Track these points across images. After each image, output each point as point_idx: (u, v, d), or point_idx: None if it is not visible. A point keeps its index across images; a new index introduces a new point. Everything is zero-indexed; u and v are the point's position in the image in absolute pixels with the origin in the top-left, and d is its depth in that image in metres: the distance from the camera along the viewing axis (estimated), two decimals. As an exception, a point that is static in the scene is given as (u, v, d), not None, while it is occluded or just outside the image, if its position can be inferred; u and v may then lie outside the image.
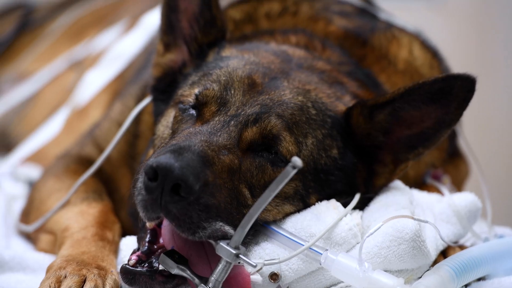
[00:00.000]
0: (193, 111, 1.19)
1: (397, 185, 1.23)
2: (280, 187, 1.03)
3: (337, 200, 1.18)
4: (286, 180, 1.02)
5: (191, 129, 1.15)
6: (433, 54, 1.39)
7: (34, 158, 1.68)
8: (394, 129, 1.20)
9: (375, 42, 1.36)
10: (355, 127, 1.19)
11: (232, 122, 1.15)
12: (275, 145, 1.15)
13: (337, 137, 1.20)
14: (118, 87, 1.56)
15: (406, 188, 1.23)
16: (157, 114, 1.27)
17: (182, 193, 1.05)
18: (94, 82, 1.57)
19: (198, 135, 1.13)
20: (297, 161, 1.02)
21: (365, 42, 1.35)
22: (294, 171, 1.02)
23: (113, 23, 1.81)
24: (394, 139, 1.20)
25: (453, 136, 1.40)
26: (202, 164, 1.08)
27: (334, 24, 1.36)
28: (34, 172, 1.63)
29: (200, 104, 1.18)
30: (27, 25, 1.94)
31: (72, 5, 1.97)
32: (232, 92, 1.18)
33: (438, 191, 1.33)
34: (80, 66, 1.75)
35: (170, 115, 1.23)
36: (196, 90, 1.19)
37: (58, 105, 1.70)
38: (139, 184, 1.08)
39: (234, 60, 1.22)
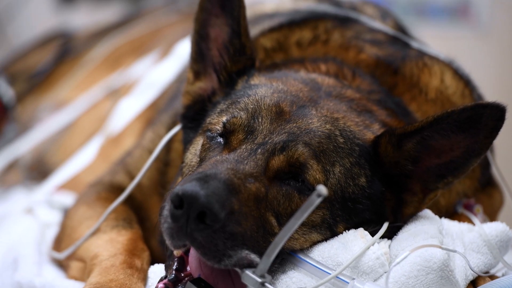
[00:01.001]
0: (220, 139, 1.21)
1: (426, 214, 1.23)
2: (305, 215, 1.04)
3: (365, 229, 1.18)
4: (311, 209, 1.04)
5: (218, 157, 1.17)
6: (466, 82, 1.39)
7: (68, 185, 1.71)
8: (423, 158, 1.20)
9: (406, 70, 1.37)
10: (383, 155, 1.20)
11: (259, 150, 1.16)
12: (302, 173, 1.17)
13: (365, 165, 1.20)
14: (151, 115, 1.60)
15: (436, 217, 1.23)
16: (186, 142, 1.30)
17: (207, 221, 1.07)
18: (128, 110, 1.60)
19: (225, 163, 1.14)
20: (322, 189, 1.03)
21: (396, 71, 1.36)
22: (320, 200, 1.03)
23: (150, 51, 1.84)
24: (423, 168, 1.21)
25: (486, 165, 1.39)
26: (228, 192, 1.09)
27: (365, 52, 1.37)
28: (68, 199, 1.66)
29: (227, 132, 1.20)
30: (66, 54, 1.99)
31: (110, 33, 2.02)
32: (260, 120, 1.19)
33: (469, 220, 1.32)
34: (116, 94, 1.79)
35: (198, 143, 1.25)
36: (224, 118, 1.21)
37: (94, 133, 1.74)
38: (165, 212, 1.11)
39: (262, 88, 1.24)
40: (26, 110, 1.95)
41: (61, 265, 1.41)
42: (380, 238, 1.19)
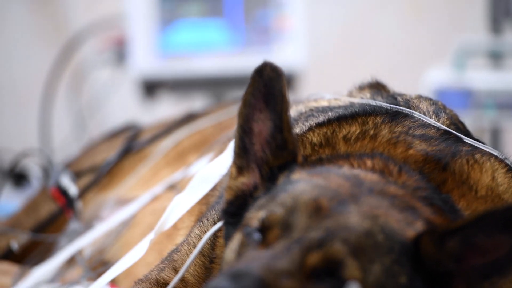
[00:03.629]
0: (257, 235, 1.24)
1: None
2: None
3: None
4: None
5: (253, 252, 1.20)
6: (519, 180, 1.39)
7: (122, 279, 1.77)
8: (467, 257, 1.20)
9: (456, 167, 1.38)
10: (424, 253, 1.21)
11: (295, 247, 1.19)
12: (339, 271, 1.18)
13: (406, 263, 1.21)
14: (203, 210, 1.65)
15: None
16: (227, 238, 1.33)
17: (238, 317, 1.10)
18: (181, 204, 1.66)
19: (259, 259, 1.17)
20: (352, 285, 1.05)
21: (445, 167, 1.37)
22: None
23: (212, 147, 1.91)
24: (466, 267, 1.20)
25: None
26: (260, 289, 1.12)
27: (414, 148, 1.39)
28: (119, 296, 1.71)
29: (264, 228, 1.23)
30: (132, 149, 2.07)
31: (177, 129, 2.09)
32: (297, 216, 1.22)
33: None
34: (175, 190, 1.85)
35: (237, 239, 1.28)
36: (262, 214, 1.24)
37: (152, 228, 1.80)
38: (198, 307, 1.14)
39: (302, 184, 1.27)
40: (89, 206, 2.02)
41: None
42: None
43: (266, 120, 1.32)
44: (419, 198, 1.31)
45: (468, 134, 1.48)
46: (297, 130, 1.46)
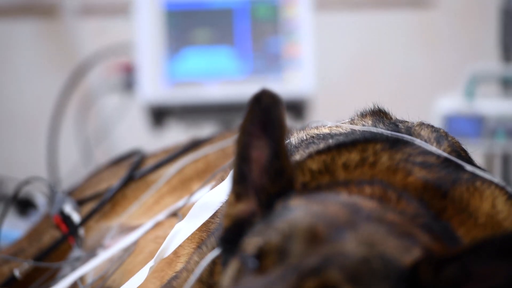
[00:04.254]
0: (254, 261, 1.25)
1: None
2: None
3: None
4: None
5: (249, 279, 1.22)
6: (520, 208, 1.40)
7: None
8: (464, 284, 1.21)
9: (456, 194, 1.39)
10: (422, 281, 1.22)
11: (291, 273, 1.20)
12: (335, 298, 1.20)
13: (403, 291, 1.23)
14: (204, 237, 1.66)
15: None
16: (224, 265, 1.35)
17: None
18: (183, 232, 1.67)
19: (255, 285, 1.19)
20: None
21: (445, 194, 1.39)
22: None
23: (215, 176, 1.93)
24: (464, 295, 1.22)
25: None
26: (253, 316, 1.13)
27: (413, 175, 1.40)
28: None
29: (261, 255, 1.24)
30: (136, 174, 2.08)
31: (181, 156, 2.11)
32: (294, 242, 1.23)
33: None
34: (178, 217, 1.87)
35: (234, 265, 1.29)
36: (258, 240, 1.26)
37: (154, 255, 1.82)
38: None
39: (299, 210, 1.28)
40: (91, 234, 2.04)
41: None
42: None
43: (264, 147, 1.34)
44: (417, 225, 1.32)
45: (470, 161, 1.49)
46: (297, 157, 1.47)
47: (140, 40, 3.18)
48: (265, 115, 1.33)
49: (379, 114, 1.60)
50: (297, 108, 3.22)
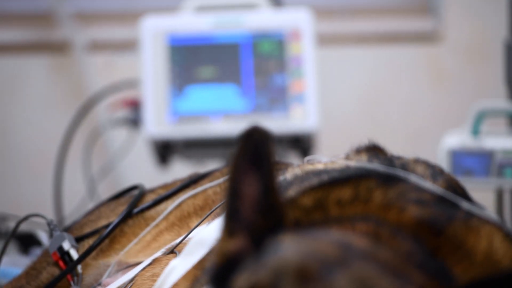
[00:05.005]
0: (243, 300, 1.24)
1: None
2: None
3: None
4: None
5: (237, 318, 1.20)
6: (517, 246, 1.38)
7: None
8: (459, 325, 1.19)
9: (451, 232, 1.37)
10: (415, 321, 1.20)
11: (280, 313, 1.18)
12: (326, 338, 1.17)
13: (395, 331, 1.20)
14: (198, 274, 1.64)
15: None
16: (215, 303, 1.33)
17: None
18: (178, 269, 1.66)
19: (244, 324, 1.17)
20: None
21: (440, 232, 1.36)
22: None
23: (213, 212, 1.91)
24: (458, 335, 1.20)
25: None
26: None
27: (407, 212, 1.38)
28: None
29: (250, 293, 1.23)
30: (135, 211, 2.07)
31: (181, 192, 2.09)
32: (283, 280, 1.22)
33: None
34: (175, 254, 1.85)
35: (224, 304, 1.28)
36: (249, 278, 1.24)
37: (150, 293, 1.80)
38: None
39: (289, 248, 1.26)
40: (89, 271, 2.02)
41: None
42: None
43: (255, 184, 1.32)
44: (411, 263, 1.30)
45: (467, 198, 1.48)
46: (290, 193, 1.46)
47: (144, 76, 3.19)
48: (256, 151, 1.32)
49: (374, 150, 1.59)
50: (302, 143, 3.21)
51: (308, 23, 3.13)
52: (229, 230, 1.36)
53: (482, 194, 3.19)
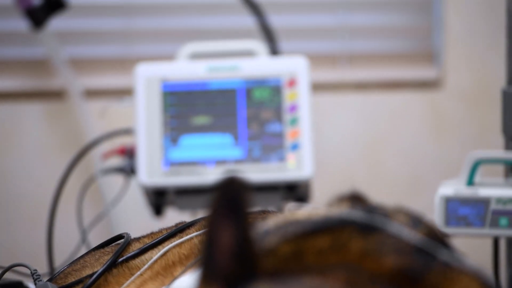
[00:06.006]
0: None
1: None
2: None
3: None
4: None
5: None
6: (494, 294, 1.39)
7: None
8: None
9: (428, 282, 1.37)
10: None
11: None
12: None
13: None
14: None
15: None
16: None
17: None
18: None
19: None
20: None
21: (417, 281, 1.37)
22: None
23: (197, 261, 1.92)
24: None
25: None
26: None
27: (385, 261, 1.39)
28: None
29: None
30: (119, 259, 2.08)
31: (167, 240, 2.11)
32: None
33: None
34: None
35: None
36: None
37: None
38: None
39: (262, 297, 1.28)
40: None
41: None
42: None
43: (230, 233, 1.34)
44: (387, 313, 1.31)
45: (447, 247, 1.49)
46: (268, 241, 1.47)
47: (138, 124, 3.23)
48: (232, 201, 1.34)
49: (356, 199, 1.60)
50: (298, 191, 3.22)
51: (304, 71, 3.17)
52: (205, 278, 1.38)
53: (478, 241, 3.19)
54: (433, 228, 1.50)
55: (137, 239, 2.16)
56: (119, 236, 2.20)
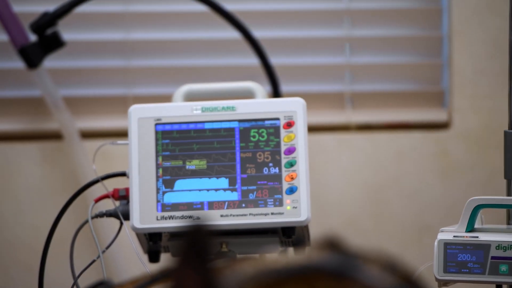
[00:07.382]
0: None
1: None
2: None
3: None
4: None
5: None
6: None
7: None
8: None
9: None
10: None
11: None
12: None
13: None
14: None
15: None
16: None
17: None
18: None
19: None
20: None
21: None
22: None
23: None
24: None
25: None
26: None
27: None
28: None
29: None
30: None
31: (153, 284, 2.13)
32: None
33: None
34: None
35: None
36: None
37: None
38: None
39: None
40: None
41: None
42: None
43: (197, 280, 1.38)
44: None
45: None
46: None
47: (132, 167, 3.25)
48: (198, 250, 1.38)
49: (336, 244, 1.63)
50: (295, 234, 3.24)
51: (302, 112, 3.19)
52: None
53: (480, 286, 3.18)
54: (408, 273, 1.52)
55: (120, 285, 2.18)
56: (100, 284, 2.22)
